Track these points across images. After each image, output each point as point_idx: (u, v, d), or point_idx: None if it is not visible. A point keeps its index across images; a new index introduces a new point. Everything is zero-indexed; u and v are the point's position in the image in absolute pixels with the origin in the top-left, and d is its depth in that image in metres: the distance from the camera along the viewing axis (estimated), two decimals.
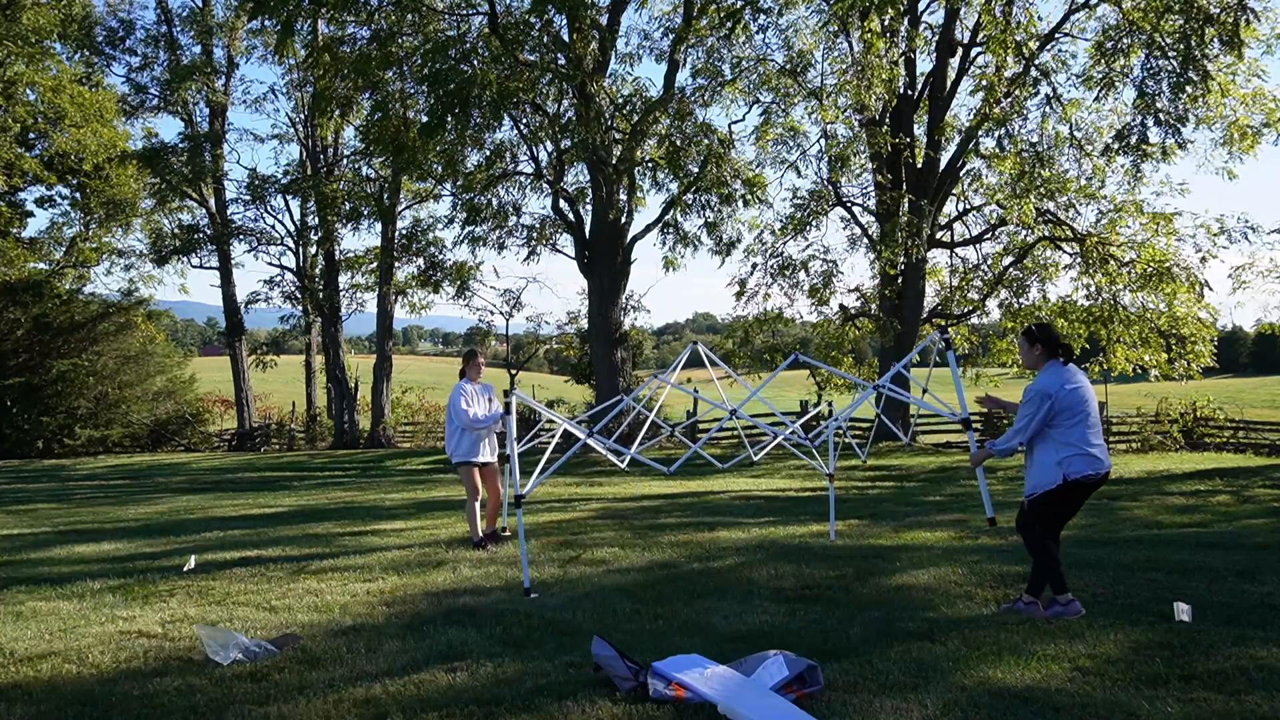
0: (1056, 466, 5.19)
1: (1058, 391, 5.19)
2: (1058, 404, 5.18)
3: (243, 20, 31.92)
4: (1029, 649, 4.74)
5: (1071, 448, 5.18)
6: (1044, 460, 5.25)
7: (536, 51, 21.38)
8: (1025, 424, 5.24)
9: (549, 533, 9.15)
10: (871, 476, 16.03)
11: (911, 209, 21.81)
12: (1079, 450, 5.17)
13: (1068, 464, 5.17)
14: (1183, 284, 21.03)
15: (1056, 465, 5.19)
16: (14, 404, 31.50)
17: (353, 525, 10.43)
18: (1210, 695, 4.03)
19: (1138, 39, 19.91)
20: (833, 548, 7.85)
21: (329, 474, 20.42)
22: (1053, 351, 5.34)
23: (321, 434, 33.54)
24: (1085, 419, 5.21)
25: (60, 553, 9.04)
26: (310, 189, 30.32)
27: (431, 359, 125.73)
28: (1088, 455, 5.18)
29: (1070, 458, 5.17)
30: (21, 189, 32.50)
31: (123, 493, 17.12)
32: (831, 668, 4.49)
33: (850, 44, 22.35)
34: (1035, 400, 5.22)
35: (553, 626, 5.43)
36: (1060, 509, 5.35)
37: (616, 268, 23.21)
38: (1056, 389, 5.20)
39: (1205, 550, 7.34)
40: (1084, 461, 5.17)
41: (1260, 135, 20.74)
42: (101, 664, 4.91)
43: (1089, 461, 5.18)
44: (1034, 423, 5.21)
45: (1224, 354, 28.01)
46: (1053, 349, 5.34)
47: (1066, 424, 5.19)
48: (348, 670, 4.68)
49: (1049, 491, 5.24)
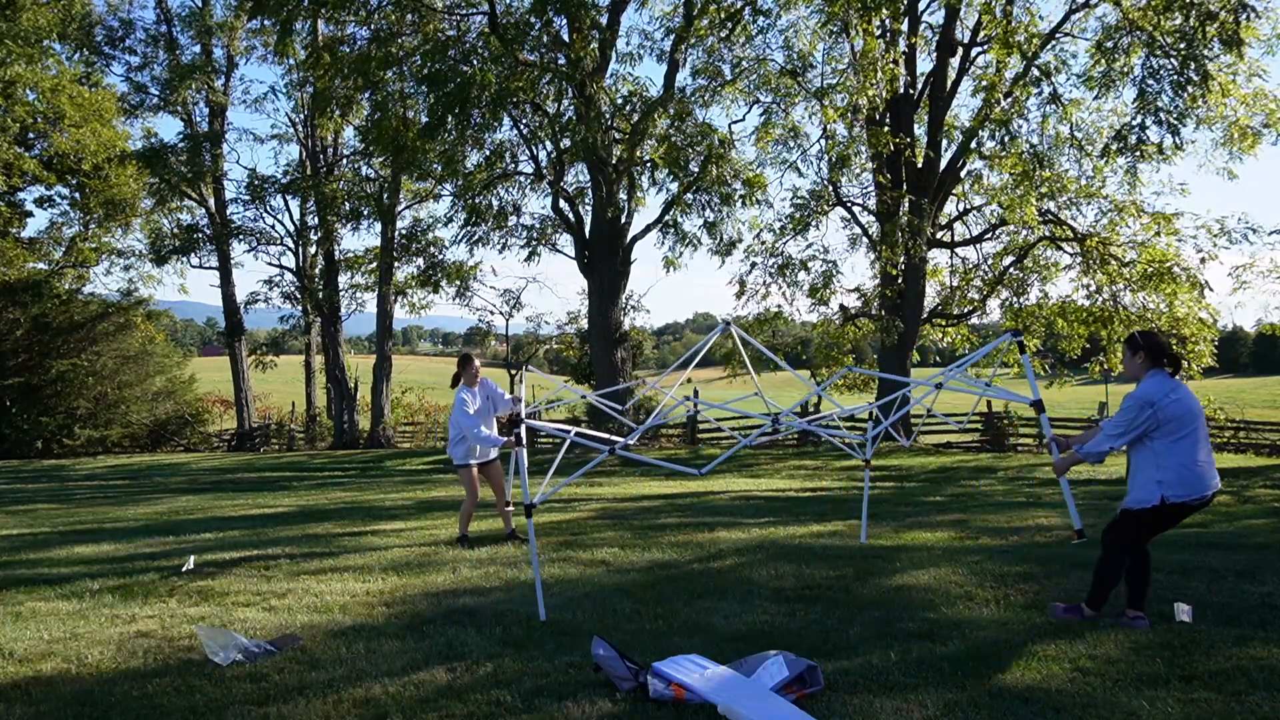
0: (1156, 485, 4.98)
1: (1160, 400, 4.96)
2: (1161, 414, 4.94)
3: (242, 20, 31.92)
4: (1029, 649, 4.74)
5: (1174, 468, 4.94)
6: (1144, 476, 5.04)
7: (536, 51, 21.38)
8: (1121, 430, 5.03)
9: (549, 533, 9.15)
10: (872, 476, 16.01)
11: (912, 209, 21.81)
12: (1182, 470, 4.94)
13: (1167, 485, 4.95)
14: (1183, 284, 21.03)
15: (1156, 484, 4.98)
16: (13, 404, 31.50)
17: (352, 525, 10.42)
18: (1211, 695, 4.03)
19: (1138, 38, 19.91)
20: (833, 547, 7.85)
21: (328, 474, 20.41)
22: (1157, 360, 5.09)
23: (321, 434, 33.54)
24: (1193, 433, 4.98)
25: (59, 553, 9.03)
26: (310, 189, 30.32)
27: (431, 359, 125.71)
28: (1191, 476, 4.96)
29: (1171, 479, 4.95)
30: (21, 189, 32.49)
31: (122, 493, 17.11)
32: (831, 668, 4.49)
33: (850, 43, 22.36)
34: (1134, 408, 5.00)
35: (553, 626, 5.42)
36: (1154, 527, 5.17)
37: (616, 268, 23.20)
38: (1160, 398, 4.96)
39: (1205, 550, 7.34)
40: (1185, 484, 4.95)
41: (1260, 136, 20.74)
42: (101, 664, 4.91)
43: (1191, 484, 4.96)
44: (1131, 430, 5.01)
45: (1224, 354, 28.01)
46: (1157, 357, 5.10)
47: (1170, 438, 4.96)
48: (347, 670, 4.68)
49: (1145, 510, 5.06)
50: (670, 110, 21.24)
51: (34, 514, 13.27)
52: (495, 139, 23.79)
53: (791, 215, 23.72)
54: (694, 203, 23.01)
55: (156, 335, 36.13)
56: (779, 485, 14.75)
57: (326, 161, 32.05)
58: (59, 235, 34.95)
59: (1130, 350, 5.23)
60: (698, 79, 22.83)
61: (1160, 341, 5.22)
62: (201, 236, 33.21)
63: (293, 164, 33.30)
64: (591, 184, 23.07)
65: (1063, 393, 24.12)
